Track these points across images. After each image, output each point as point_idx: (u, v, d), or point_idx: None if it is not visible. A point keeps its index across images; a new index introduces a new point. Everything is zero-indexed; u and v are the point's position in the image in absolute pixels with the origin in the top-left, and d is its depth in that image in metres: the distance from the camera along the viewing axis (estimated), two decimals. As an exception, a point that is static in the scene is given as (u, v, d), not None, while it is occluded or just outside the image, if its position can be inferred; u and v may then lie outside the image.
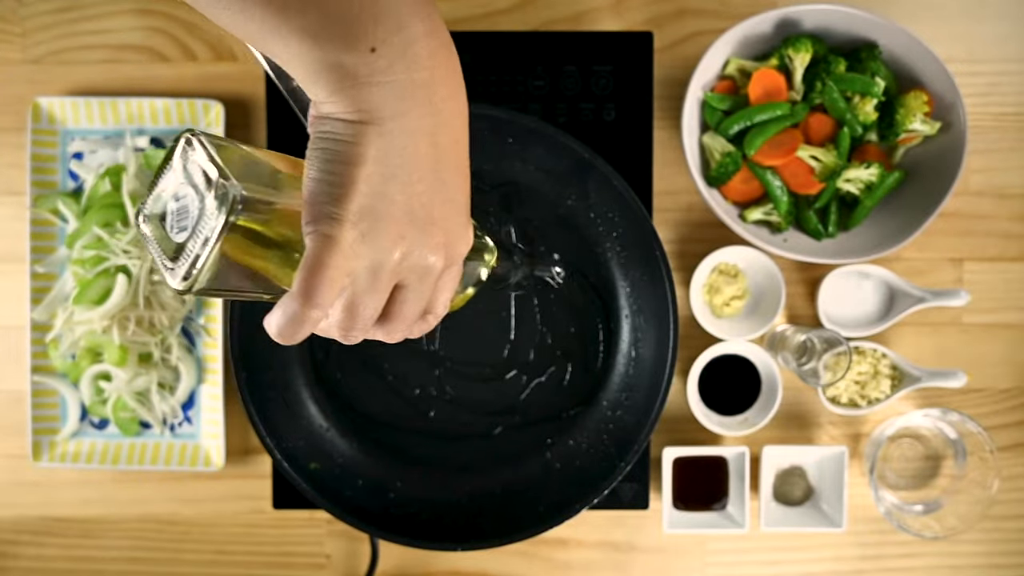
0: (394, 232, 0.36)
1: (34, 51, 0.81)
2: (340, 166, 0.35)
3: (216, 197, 0.34)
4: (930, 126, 0.75)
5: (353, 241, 0.35)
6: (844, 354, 0.74)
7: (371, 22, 0.34)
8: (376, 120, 0.35)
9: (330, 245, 0.35)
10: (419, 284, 0.39)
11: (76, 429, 0.80)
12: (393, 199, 0.36)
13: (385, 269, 0.37)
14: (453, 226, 0.39)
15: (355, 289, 0.37)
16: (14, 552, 0.82)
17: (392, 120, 0.35)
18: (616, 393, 0.77)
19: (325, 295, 0.35)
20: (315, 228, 0.35)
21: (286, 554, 0.81)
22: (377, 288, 0.37)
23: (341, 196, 0.35)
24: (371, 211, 0.35)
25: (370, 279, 0.37)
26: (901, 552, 0.82)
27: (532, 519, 0.73)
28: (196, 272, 0.35)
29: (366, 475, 0.76)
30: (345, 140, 0.35)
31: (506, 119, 0.72)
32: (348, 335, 0.39)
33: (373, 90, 0.35)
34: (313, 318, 0.35)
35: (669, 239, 0.81)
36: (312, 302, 0.35)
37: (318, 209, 0.35)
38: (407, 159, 0.36)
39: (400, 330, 0.41)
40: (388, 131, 0.35)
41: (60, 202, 0.78)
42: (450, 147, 0.38)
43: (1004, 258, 0.81)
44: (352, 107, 0.35)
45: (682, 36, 0.81)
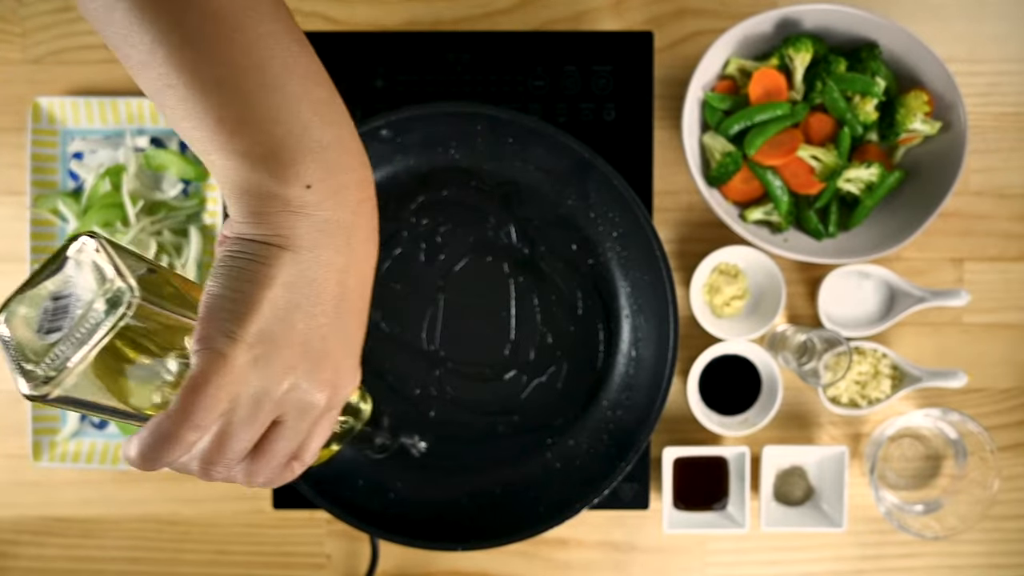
0: (287, 361, 0.35)
1: (34, 51, 0.81)
2: (248, 284, 0.34)
3: (108, 299, 0.32)
4: (930, 126, 0.75)
5: (245, 364, 0.33)
6: (844, 354, 0.74)
7: (313, 163, 0.35)
8: (293, 247, 0.35)
9: (221, 364, 0.33)
10: (297, 421, 0.38)
11: (76, 429, 0.80)
12: (294, 327, 0.35)
13: (270, 399, 0.35)
14: (344, 367, 0.39)
15: (232, 418, 0.35)
16: (14, 552, 0.82)
17: (308, 250, 0.35)
18: (616, 393, 0.76)
19: (206, 416, 0.32)
20: (208, 345, 0.33)
21: (286, 554, 0.81)
22: (256, 419, 0.35)
23: (242, 316, 0.33)
24: (270, 336, 0.34)
25: (251, 408, 0.35)
26: (901, 552, 0.82)
27: (532, 519, 0.73)
28: (59, 376, 0.32)
29: (366, 475, 0.76)
30: (257, 260, 0.34)
31: (506, 119, 0.72)
32: (211, 469, 0.36)
33: (299, 219, 0.35)
34: (187, 440, 0.33)
35: (669, 239, 0.81)
36: (190, 422, 0.32)
37: (216, 325, 0.33)
38: (315, 291, 0.36)
39: (264, 472, 0.38)
40: (302, 260, 0.35)
41: (60, 202, 0.78)
42: (356, 288, 0.38)
43: (1004, 258, 0.81)
44: (273, 231, 0.35)
45: (682, 36, 0.81)
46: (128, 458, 0.34)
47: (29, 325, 0.33)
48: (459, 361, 0.77)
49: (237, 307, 0.33)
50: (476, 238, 0.77)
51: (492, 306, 0.77)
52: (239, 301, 0.34)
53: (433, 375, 0.77)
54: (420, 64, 0.80)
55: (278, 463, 0.39)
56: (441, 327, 0.77)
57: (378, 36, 0.80)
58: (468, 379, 0.77)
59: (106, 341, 0.32)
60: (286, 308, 0.35)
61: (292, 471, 0.41)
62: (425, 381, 0.77)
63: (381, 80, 0.80)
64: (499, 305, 0.77)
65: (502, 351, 0.77)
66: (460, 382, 0.77)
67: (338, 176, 0.36)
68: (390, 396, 0.77)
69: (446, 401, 0.77)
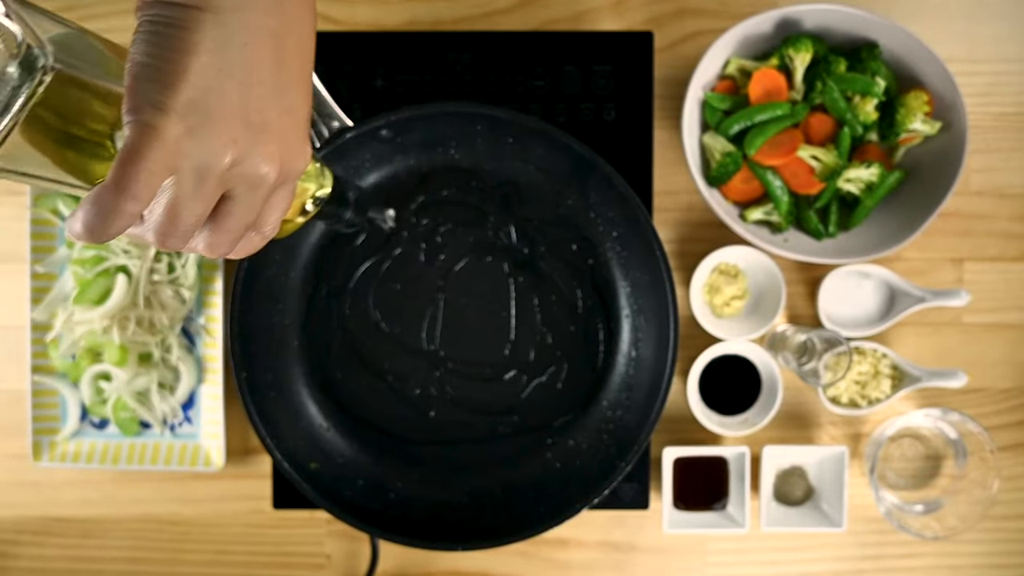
0: (225, 133, 0.33)
1: (34, 51, 0.81)
2: (170, 52, 0.32)
3: (21, 63, 0.29)
4: (930, 126, 0.75)
5: (179, 136, 0.32)
6: (844, 354, 0.74)
7: None
8: (213, 8, 0.32)
9: (152, 135, 0.31)
10: (248, 195, 0.36)
11: (76, 429, 0.80)
12: (227, 97, 0.33)
13: (212, 173, 0.34)
14: (291, 139, 0.37)
15: (178, 191, 0.33)
16: (14, 552, 0.82)
17: (232, 12, 0.32)
18: (616, 393, 0.76)
19: (143, 188, 0.31)
20: (137, 116, 0.31)
21: (286, 554, 0.81)
22: (202, 193, 0.34)
23: (169, 84, 0.31)
24: (202, 105, 0.32)
25: (195, 182, 0.33)
26: (901, 552, 0.82)
27: (532, 519, 0.73)
28: None
29: (366, 475, 0.76)
30: (178, 25, 0.32)
31: (506, 119, 0.72)
32: (166, 240, 0.35)
33: None
34: (128, 212, 0.31)
35: (669, 239, 0.81)
36: (127, 193, 0.31)
37: (142, 96, 0.31)
38: (246, 57, 0.33)
39: (224, 244, 0.38)
40: (226, 22, 0.32)
41: (60, 202, 0.78)
42: (294, 53, 0.36)
43: (1004, 258, 0.81)
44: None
45: (682, 36, 0.81)
46: (73, 232, 0.32)
47: None
48: (459, 361, 0.77)
49: (163, 76, 0.32)
50: (476, 238, 0.77)
51: (492, 306, 0.77)
52: (162, 71, 0.32)
53: (433, 375, 0.77)
54: (420, 64, 0.80)
55: (235, 235, 0.38)
56: (441, 327, 0.77)
57: (378, 36, 0.80)
58: (468, 379, 0.77)
59: (27, 110, 0.29)
60: (216, 76, 0.33)
61: (252, 243, 0.40)
62: (425, 381, 0.77)
63: (381, 80, 0.80)
64: (499, 305, 0.77)
65: (502, 351, 0.77)
66: (460, 382, 0.77)
67: None
68: (390, 396, 0.77)
69: (446, 401, 0.77)
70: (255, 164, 0.35)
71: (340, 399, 0.77)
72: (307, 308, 0.77)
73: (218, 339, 0.79)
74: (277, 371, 0.76)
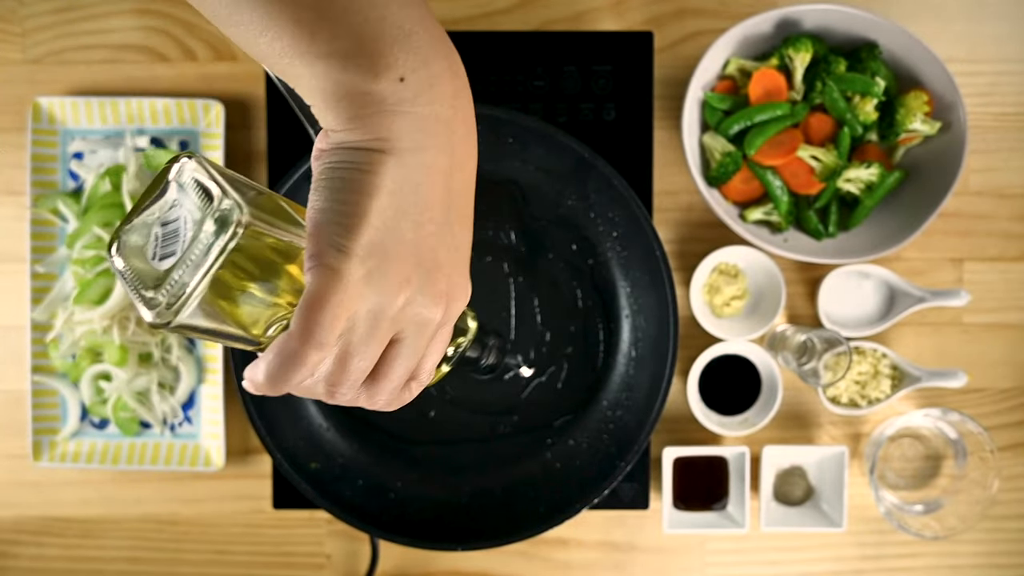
0: (401, 274, 0.34)
1: (34, 51, 0.81)
2: (353, 195, 0.32)
3: (216, 219, 0.31)
4: (930, 126, 0.75)
5: (359, 279, 0.32)
6: (844, 354, 0.74)
7: (401, 52, 0.33)
8: (395, 151, 0.33)
9: (336, 280, 0.32)
10: (415, 338, 0.36)
11: (76, 429, 0.80)
12: (403, 237, 0.33)
13: (387, 316, 0.34)
14: (456, 276, 0.37)
15: (352, 337, 0.34)
16: (14, 552, 0.82)
17: (411, 153, 0.33)
18: (616, 393, 0.76)
19: (327, 334, 0.32)
20: (320, 261, 0.32)
21: (286, 554, 0.81)
22: (375, 337, 0.34)
23: (351, 228, 0.32)
24: (380, 247, 0.33)
25: (370, 326, 0.34)
26: (901, 552, 0.82)
27: (532, 519, 0.73)
28: (180, 303, 0.31)
29: (366, 475, 0.76)
30: (360, 169, 0.33)
31: (506, 119, 0.72)
32: (336, 391, 0.36)
33: (396, 119, 0.33)
34: (312, 360, 0.32)
35: (669, 239, 0.81)
36: (313, 341, 0.32)
37: (325, 240, 0.32)
38: (422, 196, 0.34)
39: (386, 391, 0.38)
40: (406, 163, 0.33)
41: (60, 202, 0.78)
42: (462, 191, 0.36)
43: (1004, 258, 0.81)
44: (372, 135, 0.33)
45: (682, 36, 0.81)
46: (255, 382, 0.33)
47: (142, 254, 0.32)
48: (459, 361, 0.77)
49: (344, 219, 0.32)
50: (476, 238, 0.76)
51: (492, 306, 0.77)
52: (345, 214, 0.32)
53: (433, 375, 0.77)
54: (420, 64, 0.80)
55: (398, 383, 0.38)
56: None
57: (378, 36, 0.80)
58: (468, 379, 0.77)
59: (221, 261, 0.31)
60: (395, 217, 0.33)
61: (411, 391, 0.40)
62: (425, 381, 0.77)
63: (381, 80, 0.80)
64: (499, 305, 0.77)
65: (502, 351, 0.77)
66: (460, 382, 0.77)
67: (431, 65, 0.34)
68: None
69: (446, 401, 0.77)
70: (425, 304, 0.35)
71: (340, 399, 0.77)
72: (307, 308, 0.77)
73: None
74: (277, 371, 0.76)
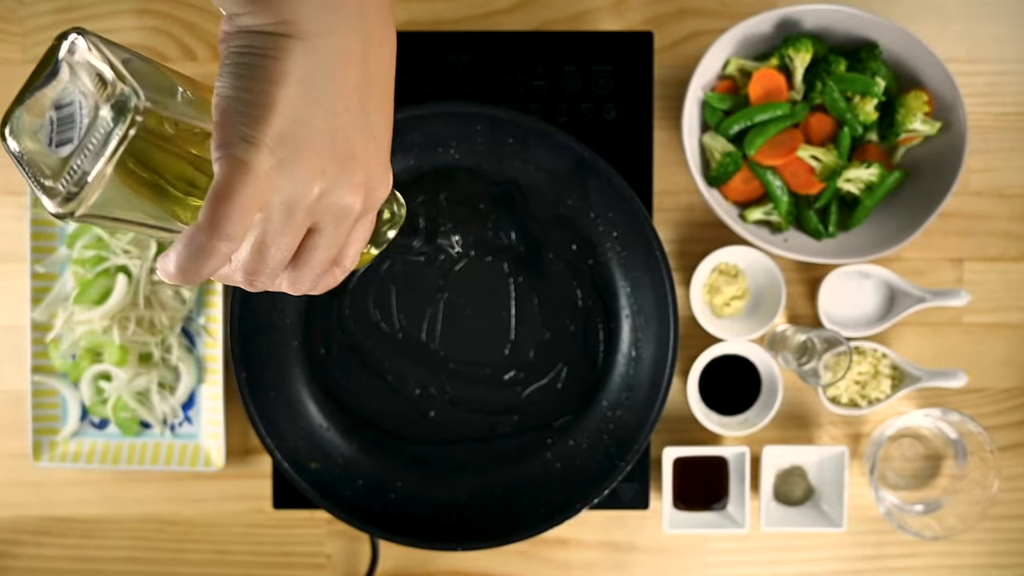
0: (315, 164, 0.32)
1: (34, 51, 0.81)
2: (259, 83, 0.31)
3: (113, 104, 0.30)
4: (930, 126, 0.75)
5: (270, 169, 0.31)
6: (844, 354, 0.74)
7: None
8: (302, 34, 0.31)
9: (244, 170, 0.30)
10: (334, 228, 0.35)
11: (76, 429, 0.80)
12: (316, 126, 0.32)
13: (302, 205, 0.33)
14: (374, 166, 0.36)
15: (267, 227, 0.33)
16: (14, 552, 0.82)
17: (320, 37, 0.32)
18: (616, 393, 0.76)
19: (236, 225, 0.31)
20: (227, 151, 0.31)
21: (286, 554, 0.81)
22: (291, 227, 0.33)
23: (259, 117, 0.31)
24: (291, 137, 0.31)
25: (285, 216, 0.33)
26: (901, 552, 0.82)
27: (532, 519, 0.73)
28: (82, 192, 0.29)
29: (366, 475, 0.76)
30: (265, 55, 0.31)
31: (506, 119, 0.72)
32: (254, 280, 0.35)
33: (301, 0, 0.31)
34: (221, 252, 0.31)
35: (669, 239, 0.81)
36: (220, 232, 0.30)
37: (232, 130, 0.31)
38: (334, 83, 0.32)
39: (308, 279, 0.37)
40: (314, 48, 0.32)
41: (60, 202, 0.78)
42: (378, 77, 0.34)
43: (1004, 258, 0.81)
44: (275, 17, 0.31)
45: (682, 36, 0.81)
46: (167, 273, 0.32)
47: (37, 138, 0.30)
48: (459, 361, 0.77)
49: (252, 109, 0.31)
50: (476, 238, 0.77)
51: (492, 306, 0.77)
52: (252, 103, 0.31)
53: (433, 375, 0.77)
54: (420, 64, 0.80)
55: (319, 270, 0.37)
56: (441, 327, 0.77)
57: (378, 36, 0.80)
58: (468, 379, 0.77)
59: (121, 151, 0.29)
60: (305, 105, 0.32)
61: (334, 276, 0.39)
62: (425, 381, 0.77)
63: (381, 80, 0.80)
64: (499, 305, 0.77)
65: (502, 351, 0.77)
66: (460, 382, 0.77)
67: None
68: (390, 396, 0.77)
69: (446, 401, 0.77)
70: (342, 195, 0.34)
71: (340, 399, 0.77)
72: (307, 308, 0.77)
73: (218, 339, 0.79)
74: (277, 371, 0.76)
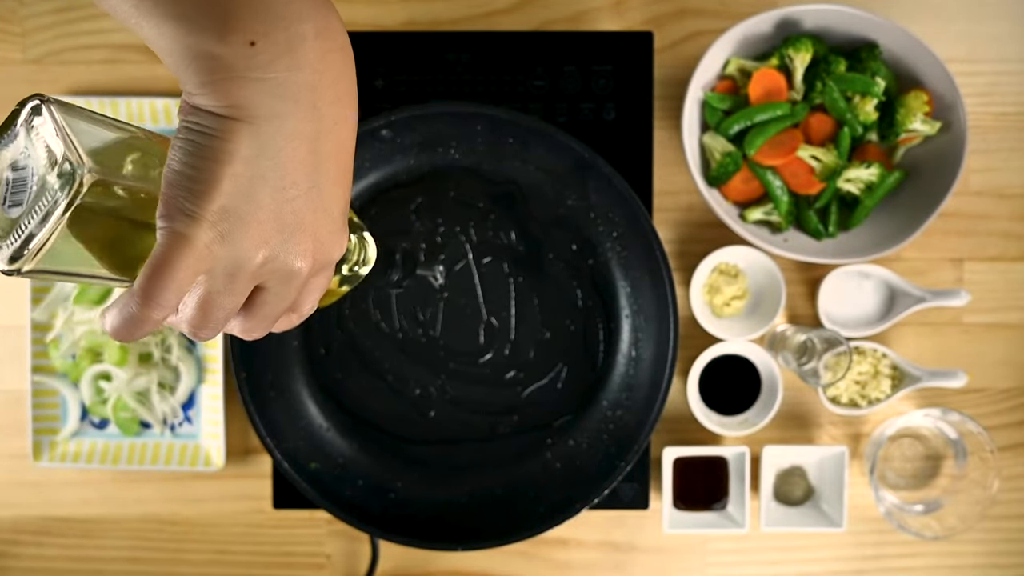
0: (257, 236, 0.34)
1: (34, 51, 0.81)
2: (205, 161, 0.32)
3: (59, 175, 0.31)
4: (930, 126, 0.75)
5: (210, 242, 0.33)
6: (844, 354, 0.74)
7: (251, 15, 0.32)
8: (251, 119, 0.33)
9: (181, 245, 0.32)
10: (282, 287, 0.37)
11: (76, 429, 0.80)
12: (260, 202, 0.33)
13: (245, 271, 0.34)
14: (325, 235, 0.37)
15: (210, 288, 0.34)
16: (14, 552, 0.82)
17: (267, 121, 0.33)
18: (616, 393, 0.76)
19: (167, 298, 0.33)
20: (169, 224, 0.32)
21: (286, 554, 0.81)
22: (233, 289, 0.35)
23: (201, 193, 0.32)
24: (234, 212, 0.33)
25: (226, 280, 0.34)
26: (901, 552, 0.82)
27: (532, 519, 0.73)
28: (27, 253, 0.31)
29: (366, 475, 0.76)
30: (214, 135, 0.32)
31: (506, 119, 0.72)
32: (199, 333, 0.36)
33: (249, 85, 0.32)
34: (152, 320, 0.33)
35: (669, 239, 0.81)
36: (152, 303, 0.32)
37: (175, 204, 0.32)
38: (281, 163, 0.34)
39: (258, 329, 0.38)
40: (262, 132, 0.33)
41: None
42: (331, 155, 0.36)
43: (1004, 258, 0.81)
44: (224, 101, 0.32)
45: (682, 36, 0.81)
46: (105, 329, 0.34)
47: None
48: (459, 361, 0.77)
49: (195, 185, 0.32)
50: (476, 238, 0.77)
51: (492, 306, 0.77)
52: (197, 179, 0.32)
53: (433, 375, 0.77)
54: (420, 64, 0.80)
55: (269, 322, 0.38)
56: (441, 327, 0.77)
57: (378, 36, 0.80)
58: (468, 379, 0.77)
59: (66, 219, 0.31)
60: (249, 183, 0.33)
61: (291, 321, 0.41)
62: (425, 381, 0.77)
63: (381, 80, 0.80)
64: (499, 305, 0.77)
65: (502, 351, 0.77)
66: (460, 382, 0.77)
67: (290, 27, 0.33)
68: (390, 396, 0.77)
69: (446, 401, 0.77)
70: (287, 260, 0.36)
71: (340, 399, 0.77)
72: (307, 308, 0.77)
73: (218, 339, 0.79)
74: (277, 371, 0.76)
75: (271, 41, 0.33)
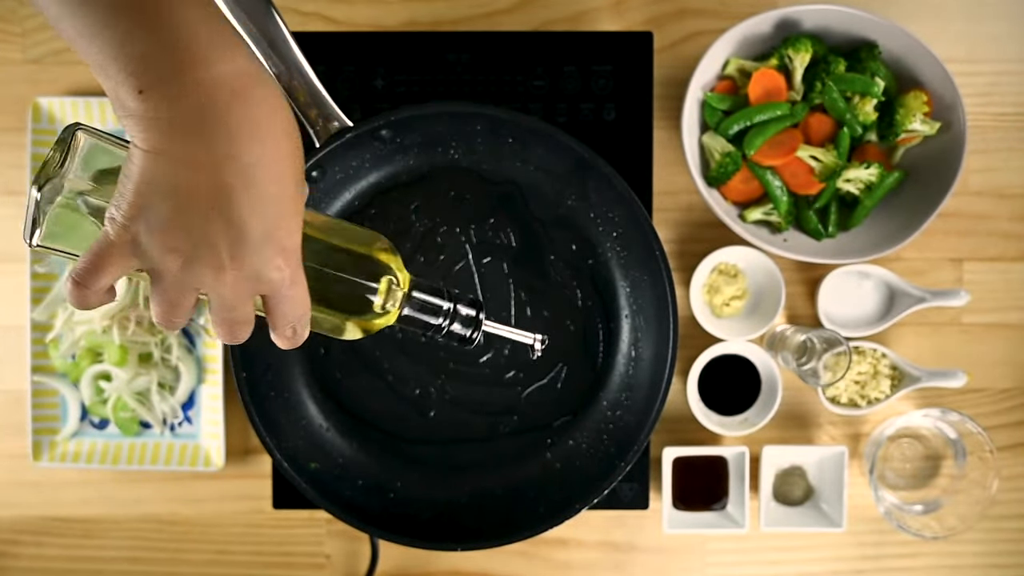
0: (167, 244, 0.40)
1: (34, 51, 0.81)
2: (125, 180, 0.40)
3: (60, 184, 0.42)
4: (930, 126, 0.75)
5: (129, 240, 0.40)
6: (844, 354, 0.74)
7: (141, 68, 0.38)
8: (148, 150, 0.39)
9: (105, 239, 0.40)
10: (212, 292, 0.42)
11: (76, 429, 0.80)
12: (164, 216, 0.40)
13: (168, 273, 0.41)
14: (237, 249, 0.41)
15: (151, 287, 0.42)
16: (14, 552, 0.82)
17: (160, 154, 0.39)
18: (616, 393, 0.77)
19: (92, 281, 0.40)
20: (105, 223, 0.40)
21: (286, 554, 0.81)
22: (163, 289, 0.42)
23: (120, 204, 0.39)
24: (142, 221, 0.39)
25: (156, 280, 0.42)
26: (901, 552, 0.82)
27: (532, 519, 0.73)
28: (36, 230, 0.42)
29: (366, 475, 0.76)
30: (131, 160, 0.39)
31: (506, 119, 0.72)
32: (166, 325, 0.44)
33: (143, 124, 0.39)
34: (84, 296, 0.41)
35: (669, 239, 0.81)
36: (83, 282, 0.40)
37: (110, 208, 0.40)
38: (179, 186, 0.39)
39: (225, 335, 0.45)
40: (157, 161, 0.39)
41: (60, 202, 0.78)
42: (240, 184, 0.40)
43: (1004, 258, 0.82)
44: (131, 132, 0.39)
45: (682, 36, 0.81)
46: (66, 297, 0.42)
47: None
48: (459, 361, 0.77)
49: (118, 198, 0.40)
50: (476, 238, 0.77)
51: (492, 306, 0.77)
52: (120, 193, 0.40)
53: (433, 375, 0.77)
54: (420, 64, 0.80)
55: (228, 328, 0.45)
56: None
57: (378, 36, 0.80)
58: (468, 379, 0.77)
59: (56, 211, 0.42)
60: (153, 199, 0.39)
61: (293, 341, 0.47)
62: (425, 381, 0.77)
63: (381, 80, 0.80)
64: (499, 305, 0.77)
65: (502, 351, 0.77)
66: (460, 382, 0.77)
67: (185, 74, 0.38)
68: (390, 396, 0.77)
69: (446, 401, 0.77)
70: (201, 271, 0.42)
71: (340, 399, 0.77)
72: (307, 308, 0.77)
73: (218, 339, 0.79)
74: (277, 371, 0.76)
75: (156, 93, 0.38)
